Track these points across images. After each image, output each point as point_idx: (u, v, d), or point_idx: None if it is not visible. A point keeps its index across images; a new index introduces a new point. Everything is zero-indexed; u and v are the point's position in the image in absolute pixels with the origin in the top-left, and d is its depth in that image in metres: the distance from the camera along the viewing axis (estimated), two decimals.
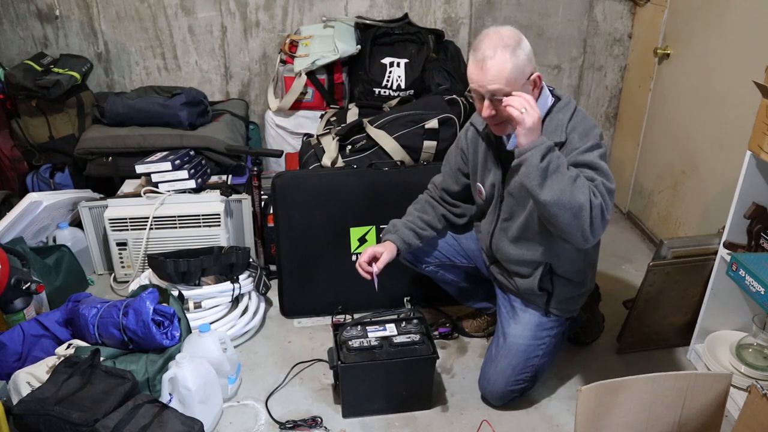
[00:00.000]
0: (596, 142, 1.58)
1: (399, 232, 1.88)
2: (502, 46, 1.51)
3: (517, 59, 1.51)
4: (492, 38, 1.53)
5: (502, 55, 1.51)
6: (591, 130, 1.60)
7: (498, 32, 1.54)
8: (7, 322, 2.00)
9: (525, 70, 1.53)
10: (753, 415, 1.40)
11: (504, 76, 1.52)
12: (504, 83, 1.53)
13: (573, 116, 1.63)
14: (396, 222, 1.92)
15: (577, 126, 1.61)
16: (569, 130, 1.61)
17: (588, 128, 1.61)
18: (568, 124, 1.61)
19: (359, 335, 1.85)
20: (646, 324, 2.08)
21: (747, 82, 1.80)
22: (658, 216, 2.81)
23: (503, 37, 1.53)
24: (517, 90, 1.54)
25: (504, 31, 1.54)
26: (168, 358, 1.79)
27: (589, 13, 3.03)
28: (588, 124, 1.62)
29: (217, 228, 2.39)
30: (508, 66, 1.51)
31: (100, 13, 2.89)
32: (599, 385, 1.44)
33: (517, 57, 1.51)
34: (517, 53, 1.51)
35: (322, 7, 2.95)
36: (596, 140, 1.59)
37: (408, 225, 1.90)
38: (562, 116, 1.63)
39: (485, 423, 1.83)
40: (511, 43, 1.51)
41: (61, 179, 2.73)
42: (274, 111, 2.89)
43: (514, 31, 1.55)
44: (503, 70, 1.51)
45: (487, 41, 1.53)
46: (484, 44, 1.53)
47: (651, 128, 2.87)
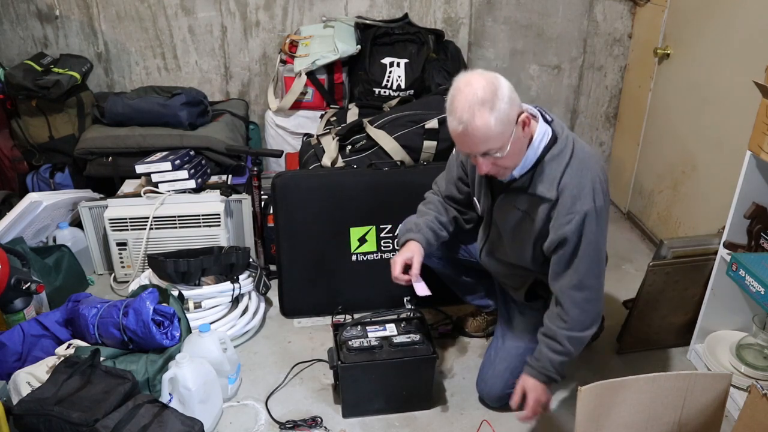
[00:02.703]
0: (589, 207, 1.50)
1: (423, 231, 1.79)
2: (479, 105, 1.38)
3: (498, 113, 1.39)
4: (466, 95, 1.39)
5: (481, 117, 1.38)
6: (585, 186, 1.50)
7: (470, 85, 1.40)
8: (7, 322, 2.00)
9: (510, 118, 1.42)
10: (753, 415, 1.40)
11: (491, 136, 1.41)
12: (493, 143, 1.43)
13: (567, 167, 1.51)
14: (417, 221, 1.83)
15: (570, 183, 1.51)
16: (561, 186, 1.51)
17: (582, 184, 1.50)
18: (561, 180, 1.51)
19: (359, 335, 1.85)
20: (646, 324, 2.08)
21: (747, 82, 1.80)
22: (658, 216, 2.81)
23: (477, 91, 1.38)
24: (508, 140, 1.43)
25: (476, 83, 1.39)
26: (168, 358, 1.79)
27: (589, 13, 3.03)
28: (583, 178, 1.51)
29: (217, 228, 2.39)
30: (491, 125, 1.39)
31: (100, 13, 2.89)
32: (599, 385, 1.44)
33: (498, 111, 1.39)
34: (497, 106, 1.38)
35: (322, 7, 2.95)
36: (589, 203, 1.50)
37: (429, 225, 1.81)
38: (556, 167, 1.52)
39: (485, 423, 1.83)
40: (487, 98, 1.38)
41: (61, 179, 2.73)
42: (274, 111, 2.89)
43: (486, 77, 1.41)
44: (488, 131, 1.40)
45: (462, 100, 1.40)
46: (459, 104, 1.40)
47: (651, 128, 2.87)
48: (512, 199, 1.63)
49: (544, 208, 1.55)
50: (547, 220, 1.56)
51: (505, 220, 1.67)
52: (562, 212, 1.52)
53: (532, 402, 1.64)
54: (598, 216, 1.52)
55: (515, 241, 1.68)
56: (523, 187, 1.57)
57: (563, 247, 1.55)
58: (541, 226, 1.58)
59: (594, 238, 1.53)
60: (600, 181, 1.53)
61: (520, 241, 1.66)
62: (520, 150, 1.50)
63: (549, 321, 1.64)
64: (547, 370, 1.64)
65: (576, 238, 1.53)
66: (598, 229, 1.53)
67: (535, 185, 1.54)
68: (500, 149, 1.44)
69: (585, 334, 1.62)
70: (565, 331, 1.60)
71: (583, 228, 1.51)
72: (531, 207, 1.59)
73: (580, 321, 1.60)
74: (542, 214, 1.56)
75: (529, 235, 1.62)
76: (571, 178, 1.51)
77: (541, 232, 1.59)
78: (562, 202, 1.52)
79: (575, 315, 1.59)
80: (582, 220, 1.51)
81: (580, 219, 1.50)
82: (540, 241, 1.61)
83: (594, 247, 1.54)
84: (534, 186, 1.55)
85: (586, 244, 1.53)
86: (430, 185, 2.20)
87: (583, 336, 1.62)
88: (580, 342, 1.63)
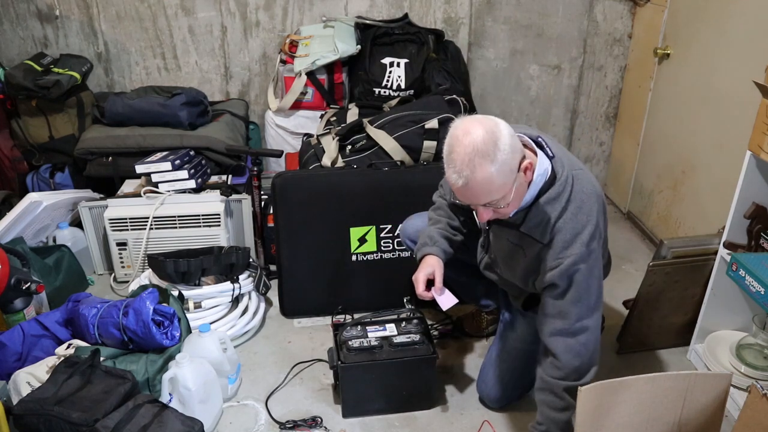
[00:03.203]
0: (580, 251, 1.43)
1: (438, 243, 1.74)
2: (480, 157, 1.29)
3: (500, 165, 1.31)
4: (465, 147, 1.30)
5: (482, 170, 1.30)
6: (579, 232, 1.44)
7: (469, 135, 1.30)
8: (7, 322, 2.00)
9: (512, 167, 1.34)
10: (753, 415, 1.40)
11: (493, 189, 1.34)
12: (495, 194, 1.36)
13: (564, 212, 1.45)
14: (431, 233, 1.77)
15: (564, 227, 1.44)
16: (555, 231, 1.45)
17: (576, 230, 1.44)
18: (555, 225, 1.45)
19: (359, 335, 1.85)
20: (646, 324, 2.08)
21: (747, 82, 1.80)
22: (658, 216, 2.81)
23: (476, 142, 1.29)
24: (511, 190, 1.36)
25: (475, 133, 1.30)
26: (168, 358, 1.79)
27: (589, 13, 3.03)
28: (578, 224, 1.44)
29: (217, 228, 2.39)
30: (493, 178, 1.31)
31: (100, 13, 2.89)
32: (599, 385, 1.44)
33: (499, 162, 1.30)
34: (498, 158, 1.30)
35: (322, 7, 2.95)
36: (580, 248, 1.43)
37: (443, 234, 1.75)
38: (551, 210, 1.45)
39: (486, 424, 1.83)
40: (489, 150, 1.29)
41: (61, 179, 2.73)
42: (274, 111, 2.89)
43: (485, 126, 1.32)
44: (491, 185, 1.33)
45: (461, 152, 1.31)
46: (459, 157, 1.31)
47: (651, 128, 2.87)
48: (505, 232, 1.58)
49: (536, 248, 1.51)
50: (538, 259, 1.51)
51: (498, 247, 1.64)
52: (552, 255, 1.47)
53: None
54: (592, 260, 1.46)
55: (508, 268, 1.64)
56: (515, 224, 1.52)
57: (552, 290, 1.50)
58: (532, 262, 1.53)
59: (585, 282, 1.47)
60: (596, 224, 1.46)
61: (513, 269, 1.62)
62: (522, 195, 1.43)
63: (543, 372, 1.56)
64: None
65: (565, 284, 1.47)
66: (590, 273, 1.47)
67: (527, 225, 1.48)
68: (503, 199, 1.38)
69: (583, 381, 1.51)
70: (562, 382, 1.52)
71: (574, 273, 1.45)
72: (524, 243, 1.54)
73: (575, 368, 1.51)
74: (533, 253, 1.52)
75: (522, 268, 1.58)
76: (565, 223, 1.45)
77: (533, 268, 1.54)
78: (554, 246, 1.46)
79: (567, 361, 1.50)
80: (572, 264, 1.44)
81: (570, 263, 1.44)
82: (531, 276, 1.57)
83: (585, 292, 1.48)
84: (527, 226, 1.49)
85: (575, 289, 1.47)
86: (430, 185, 2.20)
87: (583, 381, 1.51)
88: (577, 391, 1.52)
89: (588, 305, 1.49)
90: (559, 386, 1.52)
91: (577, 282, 1.46)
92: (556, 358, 1.52)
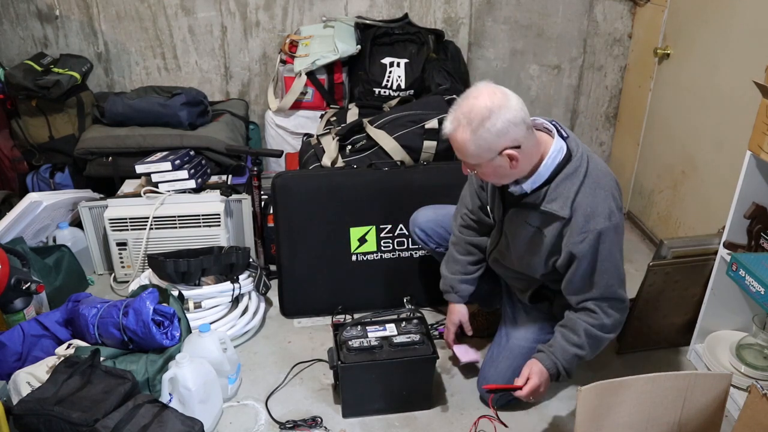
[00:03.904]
0: (603, 225, 1.50)
1: (459, 291, 1.91)
2: (465, 123, 1.42)
3: (478, 139, 1.42)
4: (463, 107, 1.44)
5: (462, 134, 1.44)
6: (599, 205, 1.50)
7: (476, 99, 1.42)
8: (7, 322, 2.00)
9: (492, 147, 1.44)
10: (753, 415, 1.40)
11: (465, 153, 1.47)
12: (468, 158, 1.49)
13: (581, 187, 1.51)
14: (451, 281, 1.91)
15: (584, 202, 1.51)
16: (575, 205, 1.51)
17: (596, 203, 1.50)
18: (575, 200, 1.51)
19: (359, 335, 1.85)
20: (646, 324, 2.08)
21: (747, 82, 1.80)
22: (658, 216, 2.81)
23: (472, 109, 1.42)
24: (485, 164, 1.47)
25: (480, 102, 1.41)
26: (168, 358, 1.79)
27: (589, 13, 3.03)
28: (597, 197, 1.51)
29: (217, 228, 2.39)
30: (468, 145, 1.44)
31: (100, 13, 2.89)
32: (599, 385, 1.44)
33: (478, 138, 1.42)
34: (479, 134, 1.42)
35: (322, 7, 2.95)
36: (603, 222, 1.50)
37: (462, 279, 1.90)
38: (569, 186, 1.51)
39: (487, 420, 1.83)
40: (475, 121, 1.41)
41: (61, 179, 2.73)
42: (274, 111, 2.89)
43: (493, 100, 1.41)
44: (464, 148, 1.46)
45: (459, 108, 1.45)
46: (456, 111, 1.45)
47: (651, 128, 2.87)
48: (524, 215, 1.62)
49: (557, 225, 1.55)
50: (559, 237, 1.56)
51: (515, 233, 1.66)
52: (575, 231, 1.52)
53: (531, 386, 1.63)
54: (615, 232, 1.53)
55: (525, 255, 1.67)
56: (535, 204, 1.56)
57: (579, 265, 1.55)
58: (553, 242, 1.57)
59: (609, 254, 1.54)
60: (614, 198, 1.54)
61: (531, 255, 1.65)
62: (502, 174, 1.52)
63: (573, 314, 1.65)
64: (557, 359, 1.64)
65: (591, 256, 1.53)
66: (613, 245, 1.54)
67: (548, 202, 1.54)
68: (475, 167, 1.50)
69: (603, 335, 1.62)
70: (587, 325, 1.61)
71: (598, 246, 1.52)
72: (543, 223, 1.58)
73: (604, 325, 1.61)
74: (554, 231, 1.56)
75: (541, 251, 1.61)
76: (585, 197, 1.51)
77: (553, 248, 1.59)
78: (576, 221, 1.51)
79: (601, 320, 1.60)
80: (596, 238, 1.51)
81: (594, 237, 1.51)
82: (553, 257, 1.61)
83: (611, 263, 1.55)
84: (547, 203, 1.54)
85: (602, 261, 1.54)
86: (430, 185, 2.21)
87: (601, 336, 1.62)
88: (597, 341, 1.63)
89: (616, 275, 1.57)
90: (582, 326, 1.61)
91: (602, 253, 1.53)
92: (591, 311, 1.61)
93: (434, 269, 2.18)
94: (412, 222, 2.07)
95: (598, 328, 1.61)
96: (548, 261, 1.63)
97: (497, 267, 1.83)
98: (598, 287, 1.57)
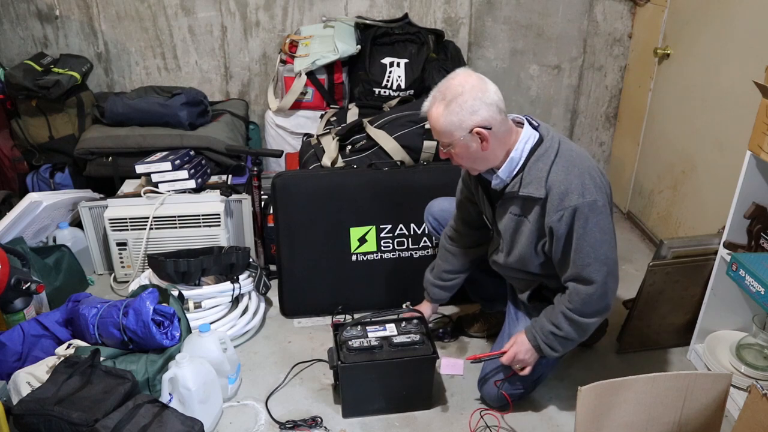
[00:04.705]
0: (578, 202, 1.51)
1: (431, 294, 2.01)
2: (440, 99, 1.52)
3: (450, 115, 1.50)
4: (440, 88, 1.54)
5: (436, 109, 1.53)
6: (572, 182, 1.52)
7: (453, 79, 1.53)
8: (7, 322, 2.00)
9: (462, 124, 1.51)
10: (753, 415, 1.40)
11: (438, 129, 1.55)
12: (440, 135, 1.56)
13: (553, 165, 1.55)
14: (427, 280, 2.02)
15: (556, 179, 1.54)
16: (549, 184, 1.54)
17: (569, 180, 1.52)
18: (548, 177, 1.54)
19: (359, 335, 1.85)
20: (646, 324, 2.08)
21: (747, 82, 1.80)
22: (658, 216, 2.82)
23: (447, 88, 1.52)
24: (456, 141, 1.53)
25: (458, 81, 1.52)
26: (168, 358, 1.79)
27: (589, 13, 3.03)
28: (570, 174, 1.53)
29: (217, 228, 2.39)
30: (440, 120, 1.52)
31: (100, 13, 2.89)
32: (599, 385, 1.44)
33: (450, 113, 1.50)
34: (451, 108, 1.50)
35: (322, 7, 2.95)
36: (577, 198, 1.51)
37: (434, 284, 1.99)
38: (542, 167, 1.55)
39: (478, 413, 1.83)
40: (447, 97, 1.51)
41: (61, 179, 2.73)
42: (274, 111, 2.89)
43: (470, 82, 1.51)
44: (436, 123, 1.54)
45: (436, 89, 1.55)
46: (436, 89, 1.55)
47: (651, 128, 2.87)
48: (507, 205, 1.65)
49: (537, 208, 1.58)
50: (540, 219, 1.59)
51: (506, 227, 1.69)
52: (551, 209, 1.55)
53: (510, 353, 1.72)
54: (590, 210, 1.53)
55: (516, 247, 1.69)
56: (514, 192, 1.60)
57: (558, 242, 1.58)
58: (538, 226, 1.60)
59: (585, 232, 1.54)
60: (590, 177, 1.54)
61: (521, 246, 1.67)
62: (474, 157, 1.57)
63: (559, 296, 1.69)
64: (536, 333, 1.69)
65: (567, 233, 1.55)
66: (592, 223, 1.53)
67: (524, 187, 1.57)
68: (449, 145, 1.56)
69: (583, 320, 1.64)
70: (565, 309, 1.64)
71: (573, 223, 1.53)
72: (524, 210, 1.62)
73: (580, 310, 1.62)
74: (535, 215, 1.59)
75: (528, 239, 1.64)
76: (557, 174, 1.54)
77: (539, 233, 1.61)
78: (551, 199, 1.54)
79: (577, 303, 1.62)
80: (572, 215, 1.53)
81: (569, 214, 1.53)
82: (541, 242, 1.63)
83: (587, 242, 1.55)
84: (524, 187, 1.57)
85: (577, 239, 1.55)
86: (430, 185, 2.21)
87: (580, 321, 1.63)
88: (576, 325, 1.64)
89: (592, 255, 1.56)
90: (560, 310, 1.65)
91: (577, 231, 1.54)
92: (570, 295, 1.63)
93: None
94: (427, 210, 2.11)
95: (577, 314, 1.62)
96: (537, 247, 1.64)
97: (497, 268, 1.84)
98: (575, 265, 1.58)
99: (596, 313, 1.65)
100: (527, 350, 1.71)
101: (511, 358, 1.72)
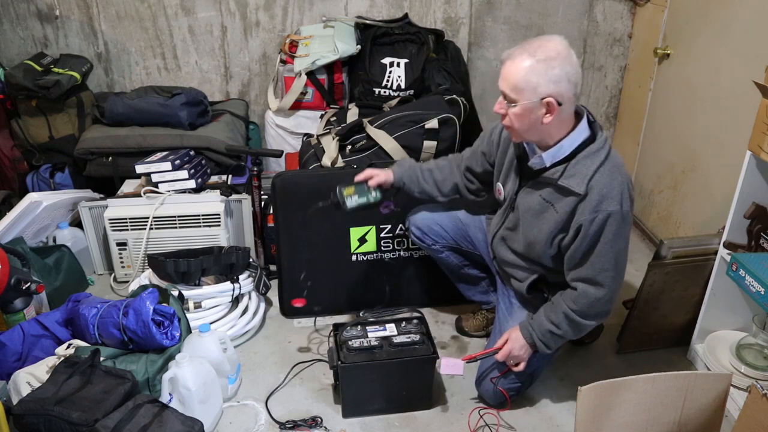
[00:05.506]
0: (614, 208, 1.52)
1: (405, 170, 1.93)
2: (529, 54, 1.47)
3: (531, 73, 1.46)
4: (532, 44, 1.49)
5: (519, 61, 1.47)
6: (614, 188, 1.53)
7: (541, 41, 1.49)
8: (7, 322, 2.00)
9: (539, 88, 1.47)
10: (753, 415, 1.40)
11: (512, 81, 1.50)
12: (510, 88, 1.51)
13: (600, 168, 1.54)
14: (410, 162, 1.97)
15: (600, 182, 1.54)
16: (592, 183, 1.54)
17: (612, 186, 1.53)
18: (592, 178, 1.54)
19: (359, 335, 1.85)
20: (646, 324, 2.08)
21: (747, 82, 1.80)
22: (658, 216, 2.81)
23: (540, 47, 1.47)
24: (523, 102, 1.49)
25: (550, 43, 1.48)
26: (168, 358, 1.79)
27: (589, 13, 3.03)
28: (614, 180, 1.54)
29: (217, 228, 2.39)
30: (520, 73, 1.48)
31: (100, 13, 2.89)
32: (599, 385, 1.44)
33: (533, 71, 1.46)
34: (537, 68, 1.46)
35: (322, 7, 2.95)
36: (615, 205, 1.53)
37: (416, 171, 1.93)
38: (589, 165, 1.55)
39: (476, 411, 1.83)
40: (537, 56, 1.46)
41: (61, 179, 2.73)
42: (274, 111, 2.89)
43: (559, 46, 1.48)
44: (514, 75, 1.49)
45: (530, 43, 1.49)
46: (526, 44, 1.50)
47: (651, 128, 2.87)
48: (539, 188, 1.65)
49: (571, 201, 1.57)
50: (571, 214, 1.58)
51: (527, 207, 1.69)
52: (588, 208, 1.54)
53: (505, 350, 1.74)
54: (623, 220, 1.55)
55: (533, 231, 1.68)
56: (552, 178, 1.59)
57: (582, 241, 1.57)
58: (564, 219, 1.60)
59: (613, 239, 1.55)
60: (628, 188, 1.57)
61: (539, 231, 1.66)
62: (529, 126, 1.54)
63: (560, 295, 1.70)
64: (533, 330, 1.70)
65: (596, 235, 1.56)
66: (619, 232, 1.55)
67: (566, 178, 1.57)
68: (514, 102, 1.51)
69: (584, 322, 1.65)
70: (568, 310, 1.65)
71: (605, 227, 1.54)
72: (557, 199, 1.61)
73: (584, 312, 1.64)
74: (567, 208, 1.58)
75: (549, 227, 1.63)
76: (602, 177, 1.54)
77: (563, 225, 1.61)
78: (589, 199, 1.54)
79: (583, 305, 1.63)
80: (605, 219, 1.53)
81: (603, 218, 1.53)
82: (560, 235, 1.63)
83: (612, 248, 1.56)
84: (565, 178, 1.57)
85: (604, 243, 1.56)
86: None
87: (581, 322, 1.65)
88: (575, 326, 1.66)
89: (612, 262, 1.58)
90: (562, 309, 1.66)
91: (606, 236, 1.55)
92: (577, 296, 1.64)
93: (434, 269, 2.18)
94: (409, 220, 2.08)
95: (579, 316, 1.64)
96: (554, 239, 1.64)
97: (501, 249, 1.84)
98: (593, 267, 1.59)
99: (598, 317, 1.66)
100: (522, 346, 1.72)
101: (506, 354, 1.74)
